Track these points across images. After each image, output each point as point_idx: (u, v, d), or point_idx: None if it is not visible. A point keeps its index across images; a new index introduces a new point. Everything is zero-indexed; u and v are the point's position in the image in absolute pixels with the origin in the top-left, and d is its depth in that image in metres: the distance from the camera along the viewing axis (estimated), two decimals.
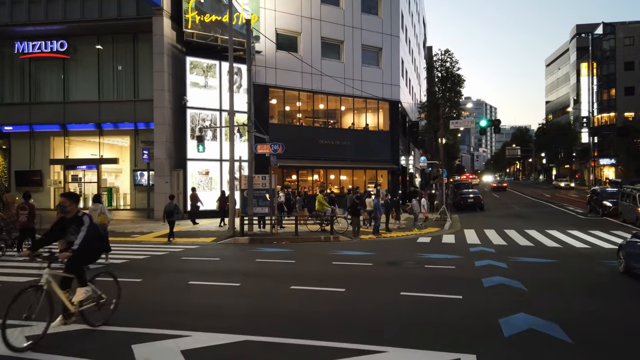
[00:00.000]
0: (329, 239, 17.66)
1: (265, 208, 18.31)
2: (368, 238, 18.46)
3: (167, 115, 23.37)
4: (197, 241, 16.78)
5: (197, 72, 23.98)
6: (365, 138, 29.89)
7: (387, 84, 30.59)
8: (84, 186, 26.13)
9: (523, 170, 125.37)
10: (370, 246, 16.25)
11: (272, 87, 26.64)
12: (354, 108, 29.88)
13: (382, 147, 30.50)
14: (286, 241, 17.08)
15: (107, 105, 25.20)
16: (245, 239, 16.94)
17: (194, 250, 14.83)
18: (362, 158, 29.61)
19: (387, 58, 30.87)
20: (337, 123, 29.70)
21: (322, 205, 19.80)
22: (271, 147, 17.58)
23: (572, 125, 76.52)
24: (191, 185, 23.50)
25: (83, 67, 25.63)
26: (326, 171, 28.94)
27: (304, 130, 28.00)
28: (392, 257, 13.39)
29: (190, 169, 23.61)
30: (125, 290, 7.28)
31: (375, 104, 30.79)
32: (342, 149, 28.94)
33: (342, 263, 12.23)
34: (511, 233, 20.19)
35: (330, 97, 28.85)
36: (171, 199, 17.54)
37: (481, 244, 16.89)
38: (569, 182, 65.47)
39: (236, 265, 12.00)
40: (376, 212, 19.18)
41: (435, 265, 11.99)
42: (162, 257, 13.17)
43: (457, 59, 33.64)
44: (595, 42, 68.81)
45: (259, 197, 18.35)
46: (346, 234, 18.59)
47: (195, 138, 18.87)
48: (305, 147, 27.47)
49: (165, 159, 23.16)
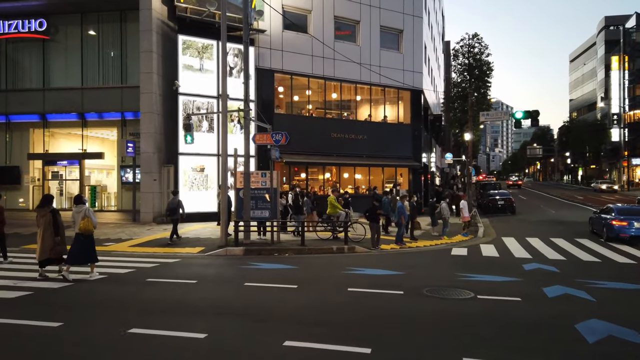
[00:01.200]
0: (343, 249, 14.38)
1: (265, 212, 15.08)
2: (390, 248, 15.19)
3: (155, 103, 20.27)
4: (180, 252, 13.62)
5: (191, 53, 20.83)
6: (383, 132, 26.52)
7: (409, 71, 27.14)
8: (65, 184, 23.14)
9: (544, 171, 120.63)
10: (394, 261, 12.94)
11: (278, 71, 23.39)
12: (370, 98, 26.50)
13: (402, 142, 27.09)
14: (290, 252, 13.84)
15: (91, 93, 22.18)
16: (240, 249, 13.71)
17: (171, 266, 11.63)
18: (380, 154, 26.24)
19: (409, 41, 27.42)
20: (352, 114, 26.36)
21: (335, 208, 16.50)
22: (272, 137, 14.34)
23: (600, 122, 72.10)
24: (184, 184, 20.37)
25: (64, 49, 22.67)
26: (339, 168, 25.62)
27: (314, 122, 24.72)
28: (427, 280, 10.07)
29: (183, 164, 20.48)
30: None
31: (394, 94, 27.38)
32: (357, 143, 25.61)
33: (362, 290, 8.91)
34: (560, 242, 16.84)
35: (344, 84, 25.51)
36: (175, 195, 15.74)
37: (533, 258, 13.54)
38: (612, 184, 54.52)
39: (214, 294, 8.74)
40: (400, 217, 15.84)
41: (491, 296, 8.61)
42: (120, 278, 9.97)
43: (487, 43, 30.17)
44: (627, 35, 64.44)
45: (257, 198, 15.13)
46: (363, 242, 15.34)
47: (184, 128, 15.68)
48: (316, 141, 24.21)
49: (153, 153, 20.06)
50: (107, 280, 9.65)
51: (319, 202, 19.30)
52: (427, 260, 13.36)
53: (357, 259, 13.32)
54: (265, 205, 15.07)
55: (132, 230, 17.99)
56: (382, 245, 15.11)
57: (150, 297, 8.42)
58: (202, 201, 20.54)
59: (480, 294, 8.70)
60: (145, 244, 15.02)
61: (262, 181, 15.16)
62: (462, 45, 29.87)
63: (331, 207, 16.49)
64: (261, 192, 15.17)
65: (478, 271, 11.30)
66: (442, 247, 15.95)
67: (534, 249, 15.29)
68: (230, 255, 13.47)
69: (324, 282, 9.84)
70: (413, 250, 15.25)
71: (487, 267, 12.06)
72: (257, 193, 15.16)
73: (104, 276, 9.95)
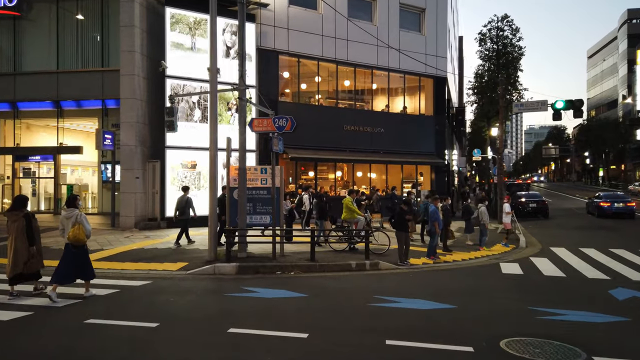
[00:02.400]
0: (364, 266, 11.28)
1: (265, 217, 11.98)
2: (421, 263, 12.13)
3: (138, 87, 17.24)
4: (155, 269, 10.59)
5: (180, 29, 17.78)
6: (402, 124, 23.36)
7: (432, 56, 23.94)
8: (39, 183, 20.18)
9: (560, 172, 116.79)
10: (434, 284, 9.85)
11: (283, 53, 20.31)
12: (388, 85, 23.34)
13: (423, 136, 23.94)
14: (296, 270, 10.75)
15: (67, 77, 19.17)
16: (232, 266, 10.62)
17: (134, 293, 8.56)
18: (398, 150, 23.09)
19: (432, 22, 24.22)
20: (367, 105, 23.20)
21: (352, 213, 13.38)
22: (274, 122, 11.23)
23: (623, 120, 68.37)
24: (172, 183, 17.33)
25: (38, 28, 19.68)
26: (352, 166, 22.48)
27: (325, 113, 21.59)
28: (494, 320, 6.99)
29: (171, 160, 17.43)
30: None
31: (415, 82, 24.20)
32: (372, 137, 22.49)
33: (408, 345, 5.77)
34: (627, 255, 14.01)
35: (358, 69, 22.38)
36: (185, 191, 13.93)
37: (612, 279, 10.60)
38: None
39: (177, 356, 5.60)
40: (433, 225, 12.71)
41: (615, 359, 5.45)
42: (47, 318, 6.90)
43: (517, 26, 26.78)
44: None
45: (256, 200, 12.05)
46: (387, 255, 12.35)
47: (166, 113, 12.62)
48: (326, 134, 21.13)
49: (135, 147, 17.02)
50: (25, 322, 6.58)
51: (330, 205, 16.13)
52: (476, 282, 10.23)
53: (385, 280, 10.22)
54: (266, 208, 11.97)
55: (107, 238, 14.94)
56: (410, 259, 12.02)
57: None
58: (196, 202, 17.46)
59: (594, 353, 5.55)
60: (116, 257, 11.97)
61: (261, 179, 12.07)
62: (490, 29, 26.64)
63: (347, 212, 13.36)
64: (261, 193, 12.07)
65: (555, 302, 8.20)
66: (485, 262, 12.85)
67: (603, 265, 12.19)
68: (219, 275, 10.39)
69: (345, 324, 6.71)
70: (451, 266, 12.13)
71: (564, 295, 8.96)
72: (255, 194, 12.07)
73: (40, 305, 6.89)
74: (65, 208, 8.07)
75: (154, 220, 17.34)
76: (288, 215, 14.14)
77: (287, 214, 13.88)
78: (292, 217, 14.69)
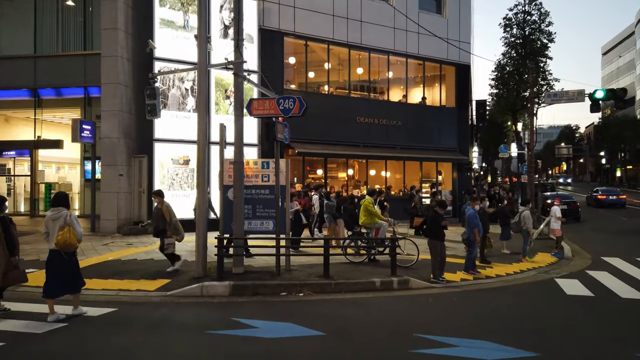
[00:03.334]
0: (391, 284, 8.98)
1: (267, 222, 9.65)
2: (459, 279, 9.86)
3: (123, 71, 14.98)
4: (128, 288, 8.34)
5: (171, 3, 15.50)
6: (421, 116, 20.98)
7: (454, 40, 21.53)
8: (14, 181, 17.96)
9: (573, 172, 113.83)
10: (488, 312, 7.56)
11: (289, 34, 17.98)
12: (406, 73, 20.95)
13: (445, 130, 21.56)
14: (306, 290, 8.44)
15: (46, 63, 16.96)
16: (224, 286, 8.31)
17: (90, 327, 6.25)
18: (417, 145, 20.73)
19: (454, 2, 21.80)
20: (383, 94, 20.81)
21: (372, 217, 11.03)
22: (279, 104, 8.90)
23: None
24: (162, 181, 15.07)
25: (14, 7, 17.49)
26: (366, 163, 20.09)
27: (336, 103, 19.23)
28: None
29: (160, 154, 15.16)
30: None
31: (436, 69, 21.81)
32: (389, 131, 20.15)
33: None
34: None
35: (373, 55, 20.00)
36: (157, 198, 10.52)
37: None
38: None
39: None
40: (473, 232, 10.37)
41: None
42: None
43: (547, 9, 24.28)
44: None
45: (256, 201, 9.73)
46: (414, 268, 10.16)
47: (147, 95, 10.32)
48: (337, 127, 18.82)
49: (118, 139, 14.75)
50: None
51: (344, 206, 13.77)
52: (541, 308, 7.92)
53: (422, 305, 7.90)
54: (268, 212, 9.64)
55: (82, 246, 12.59)
56: (445, 274, 9.71)
57: None
58: (187, 204, 15.13)
59: None
60: (84, 270, 9.60)
61: (263, 175, 9.73)
62: (517, 13, 24.17)
63: (367, 216, 11.01)
64: (262, 192, 9.74)
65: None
66: (535, 277, 10.61)
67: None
68: (208, 298, 8.08)
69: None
70: (497, 284, 9.84)
71: None
72: (255, 193, 9.74)
73: None
74: (52, 208, 6.62)
75: (139, 223, 15.07)
76: (294, 220, 11.79)
77: (292, 218, 11.54)
78: (299, 221, 12.35)
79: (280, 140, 9.19)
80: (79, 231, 6.49)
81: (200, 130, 9.17)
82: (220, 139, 9.65)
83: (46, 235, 6.57)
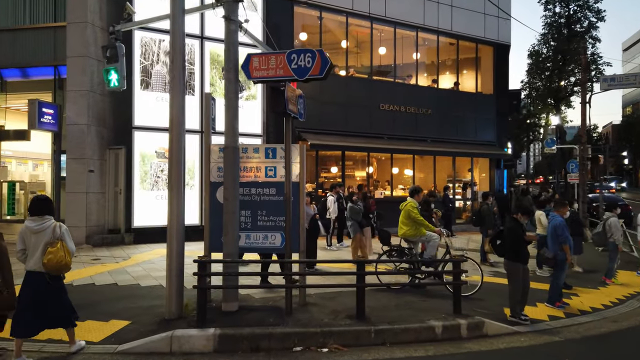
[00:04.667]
0: (458, 331, 6.07)
1: (274, 235, 6.67)
2: (547, 317, 6.92)
3: (94, 41, 12.09)
4: (61, 339, 5.42)
5: None
6: (454, 104, 17.90)
7: (492, 16, 18.44)
8: None
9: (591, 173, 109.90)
10: None
11: (300, 2, 15.00)
12: (438, 52, 17.85)
13: (481, 120, 18.49)
14: (333, 344, 5.47)
15: (8, 37, 14.11)
16: (207, 337, 5.35)
17: None
18: (449, 138, 17.68)
19: None
20: (410, 78, 17.75)
21: (418, 227, 8.00)
22: (289, 60, 5.91)
23: None
24: (143, 179, 12.15)
25: None
26: (391, 158, 17.01)
27: (355, 87, 16.20)
28: None
29: (141, 145, 12.26)
30: None
31: (471, 50, 18.70)
32: (417, 121, 17.13)
33: None
34: None
35: (399, 30, 16.96)
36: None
37: None
38: None
39: None
40: (562, 248, 7.40)
41: None
42: None
43: None
44: None
45: (257, 204, 6.75)
46: (475, 297, 7.14)
47: (106, 58, 7.37)
48: (357, 115, 15.88)
49: (88, 126, 11.85)
50: None
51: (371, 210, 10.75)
52: None
53: None
54: (275, 220, 6.65)
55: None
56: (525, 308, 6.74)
57: None
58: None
59: None
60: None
61: (267, 167, 6.75)
62: None
63: (411, 225, 7.99)
64: (266, 192, 6.75)
65: None
66: None
67: None
68: (181, 357, 5.13)
69: None
70: (603, 325, 6.86)
71: None
72: (256, 194, 6.76)
73: None
74: (30, 217, 5.05)
75: (115, 232, 12.16)
76: (309, 229, 8.76)
77: (307, 227, 8.51)
78: (315, 231, 9.32)
79: (291, 114, 6.17)
80: (72, 248, 5.15)
81: (174, 103, 6.18)
82: (206, 113, 6.69)
83: (21, 253, 5.01)
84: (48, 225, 4.98)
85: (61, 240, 5.01)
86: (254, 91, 13.99)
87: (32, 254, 4.97)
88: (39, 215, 5.01)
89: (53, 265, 4.90)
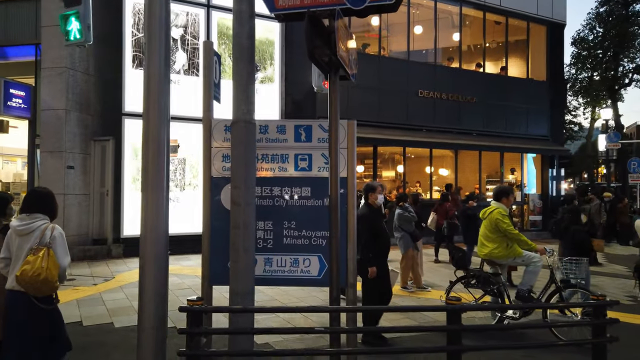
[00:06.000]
0: None
1: (308, 260, 4.26)
2: None
3: None
4: None
5: None
6: (501, 91, 15.39)
7: None
8: None
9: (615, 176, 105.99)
10: None
11: None
12: (484, 31, 15.33)
13: (533, 110, 15.93)
14: None
15: None
16: None
17: None
18: (497, 131, 15.19)
19: None
20: (452, 61, 15.27)
21: (509, 244, 5.54)
22: None
23: None
24: (135, 177, 9.88)
25: None
26: (431, 153, 14.51)
27: (389, 69, 13.75)
28: None
29: (134, 136, 10.01)
30: None
31: (522, 29, 16.16)
32: (461, 110, 14.68)
33: None
34: None
35: (440, 4, 14.50)
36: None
37: None
38: None
39: None
40: None
41: None
42: None
43: None
44: None
45: (283, 211, 4.34)
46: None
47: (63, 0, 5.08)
48: (391, 103, 13.48)
49: (67, 112, 9.62)
50: None
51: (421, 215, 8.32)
52: None
53: None
54: (311, 236, 4.27)
55: None
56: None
57: None
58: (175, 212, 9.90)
59: None
60: None
61: (299, 155, 4.39)
62: None
63: (497, 240, 5.59)
64: (297, 193, 4.37)
65: None
66: None
67: None
68: None
69: None
70: None
71: None
72: (280, 196, 4.38)
73: None
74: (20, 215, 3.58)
75: (101, 242, 9.91)
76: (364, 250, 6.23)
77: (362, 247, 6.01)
78: (383, 264, 6.82)
79: (342, 63, 3.75)
80: (62, 262, 3.48)
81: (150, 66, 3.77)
82: (206, 73, 4.35)
83: (4, 263, 3.57)
84: (36, 226, 3.51)
85: (48, 247, 3.46)
86: (270, 72, 11.68)
87: (14, 265, 3.51)
88: (27, 212, 3.58)
89: (27, 280, 3.37)
